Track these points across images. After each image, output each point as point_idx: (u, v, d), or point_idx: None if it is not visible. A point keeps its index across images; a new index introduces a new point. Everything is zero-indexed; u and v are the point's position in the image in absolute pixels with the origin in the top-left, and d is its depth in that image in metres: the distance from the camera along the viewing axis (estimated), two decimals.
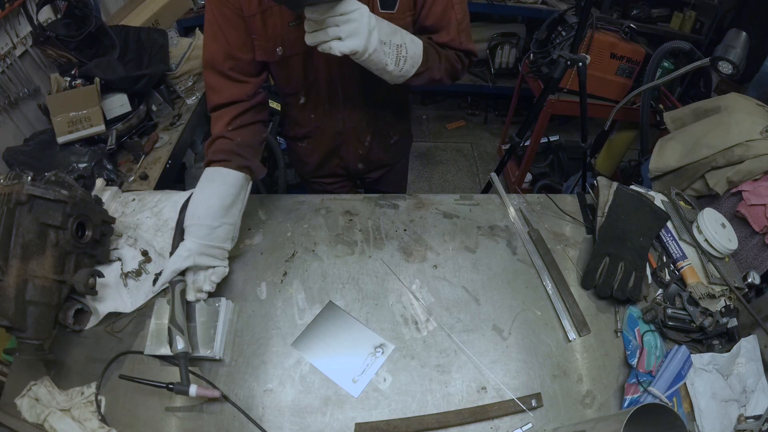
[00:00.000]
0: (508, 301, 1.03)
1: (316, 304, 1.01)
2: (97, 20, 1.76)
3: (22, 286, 0.83)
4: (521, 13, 3.17)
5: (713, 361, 0.94)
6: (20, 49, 1.67)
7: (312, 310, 1.00)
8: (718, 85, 2.40)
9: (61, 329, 0.94)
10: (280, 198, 1.22)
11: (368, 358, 0.94)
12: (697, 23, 3.12)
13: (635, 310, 1.00)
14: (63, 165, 1.51)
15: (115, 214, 1.14)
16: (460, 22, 1.03)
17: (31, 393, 0.87)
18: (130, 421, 0.86)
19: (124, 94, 1.71)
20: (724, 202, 1.31)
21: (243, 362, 0.93)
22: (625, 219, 1.11)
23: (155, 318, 0.95)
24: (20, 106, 1.69)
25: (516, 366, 0.94)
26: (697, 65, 1.60)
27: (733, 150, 1.31)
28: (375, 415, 0.87)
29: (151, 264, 1.06)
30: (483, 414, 0.87)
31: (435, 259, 1.09)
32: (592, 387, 0.92)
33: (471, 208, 1.20)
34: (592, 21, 2.18)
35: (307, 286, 1.04)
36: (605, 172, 2.68)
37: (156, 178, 1.61)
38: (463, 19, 1.04)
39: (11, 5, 1.59)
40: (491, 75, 3.37)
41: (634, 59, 2.30)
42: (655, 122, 2.17)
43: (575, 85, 1.96)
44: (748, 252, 1.18)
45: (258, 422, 0.85)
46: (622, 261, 1.04)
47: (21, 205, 0.85)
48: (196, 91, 2.03)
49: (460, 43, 1.06)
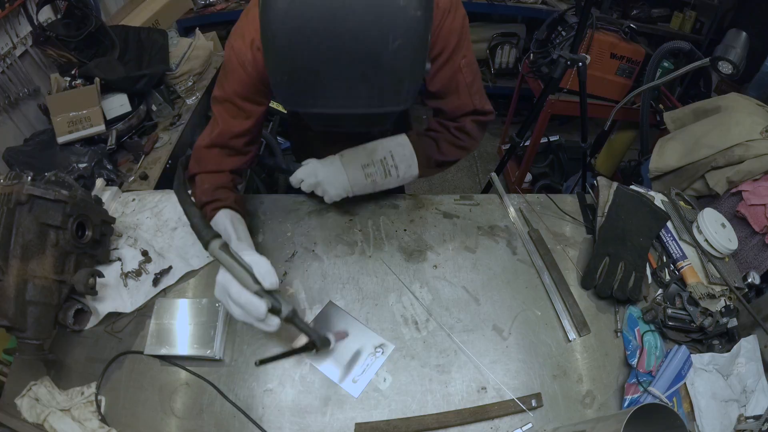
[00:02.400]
0: (508, 301, 1.03)
1: (316, 304, 1.01)
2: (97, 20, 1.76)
3: (22, 286, 0.83)
4: (521, 13, 3.17)
5: (713, 361, 0.94)
6: (20, 49, 1.67)
7: (312, 310, 1.00)
8: (718, 85, 2.40)
9: (61, 329, 0.94)
10: (280, 198, 1.22)
11: (368, 358, 0.94)
12: (697, 23, 3.13)
13: (635, 310, 1.00)
14: (63, 165, 1.51)
15: (115, 214, 1.14)
16: (470, 85, 1.00)
17: (31, 393, 0.87)
18: (130, 421, 0.86)
19: (124, 94, 1.71)
20: (724, 202, 1.31)
21: (243, 362, 0.93)
22: (625, 219, 1.11)
23: (155, 318, 0.95)
24: (20, 106, 1.69)
25: (516, 366, 0.94)
26: (697, 65, 1.60)
27: (733, 150, 1.31)
28: (375, 415, 0.87)
29: (151, 264, 1.06)
30: (483, 414, 0.87)
31: (435, 259, 1.09)
32: (592, 387, 0.92)
33: (471, 208, 1.20)
34: (592, 21, 2.18)
35: (307, 286, 1.04)
36: (605, 172, 2.68)
37: (156, 178, 1.62)
38: (473, 82, 1.00)
39: (11, 5, 1.59)
40: (491, 75, 3.36)
41: (634, 59, 2.30)
42: (655, 122, 2.17)
43: (575, 85, 1.96)
44: (748, 252, 1.18)
45: (258, 422, 0.85)
46: (622, 261, 1.04)
47: (21, 205, 0.85)
48: (196, 91, 2.03)
49: (473, 105, 1.03)
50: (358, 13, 0.56)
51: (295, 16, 0.57)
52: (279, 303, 0.76)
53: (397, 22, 0.58)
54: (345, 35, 0.57)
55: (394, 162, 1.02)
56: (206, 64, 2.17)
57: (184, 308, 0.96)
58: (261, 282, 0.75)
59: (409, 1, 0.57)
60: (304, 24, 0.57)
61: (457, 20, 0.93)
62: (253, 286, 0.74)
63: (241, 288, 0.74)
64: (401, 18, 0.58)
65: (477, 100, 1.03)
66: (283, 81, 0.64)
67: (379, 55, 0.60)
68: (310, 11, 0.56)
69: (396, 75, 0.63)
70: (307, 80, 0.62)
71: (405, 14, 0.58)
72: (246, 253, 0.79)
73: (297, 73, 0.62)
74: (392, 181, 1.05)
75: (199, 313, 0.94)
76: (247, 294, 0.74)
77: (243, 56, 0.89)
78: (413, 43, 0.61)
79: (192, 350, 0.91)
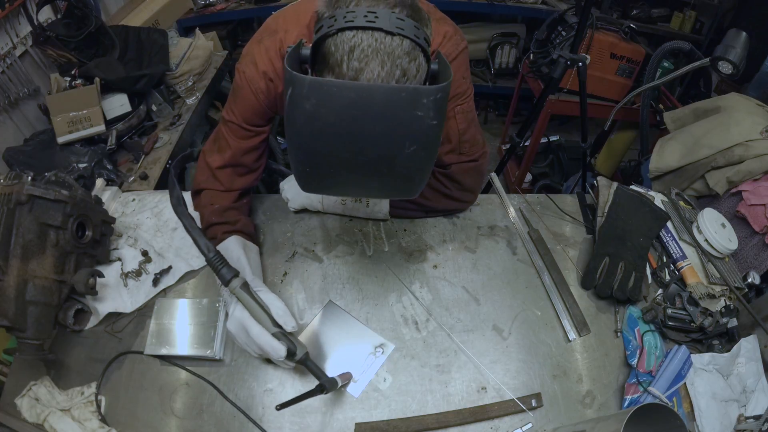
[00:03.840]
0: (508, 301, 1.03)
1: (316, 304, 1.01)
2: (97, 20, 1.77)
3: (23, 286, 0.84)
4: (521, 13, 3.17)
5: (713, 361, 0.94)
6: (20, 49, 1.67)
7: (312, 310, 1.00)
8: (718, 85, 2.40)
9: (61, 329, 0.94)
10: (280, 198, 1.22)
11: (368, 358, 0.94)
12: (697, 23, 3.12)
13: (635, 310, 1.00)
14: (63, 165, 1.51)
15: (115, 214, 1.14)
16: (462, 132, 0.99)
17: (31, 393, 0.87)
18: (130, 421, 0.86)
19: (124, 94, 1.72)
20: (724, 202, 1.31)
21: (243, 362, 0.93)
22: (625, 219, 1.11)
23: (155, 318, 0.95)
24: (20, 106, 1.69)
25: (516, 366, 0.94)
26: (697, 65, 1.60)
27: (733, 150, 1.31)
28: (375, 415, 0.87)
29: (151, 264, 1.06)
30: (483, 414, 0.87)
31: (435, 259, 1.09)
32: (592, 387, 0.92)
33: (471, 208, 1.20)
34: (592, 21, 2.18)
35: (307, 286, 1.04)
36: (605, 172, 2.68)
37: (156, 178, 1.62)
38: (466, 129, 0.99)
39: (11, 5, 1.59)
40: (491, 75, 3.36)
41: (634, 59, 2.30)
42: (655, 122, 2.17)
43: (575, 85, 1.97)
44: (748, 252, 1.18)
45: (258, 422, 0.85)
46: (622, 261, 1.04)
47: (21, 205, 0.86)
48: (196, 91, 2.04)
49: (459, 154, 1.02)
50: (378, 120, 0.59)
51: (318, 118, 0.59)
52: (294, 346, 0.81)
53: (414, 130, 0.61)
54: (363, 140, 0.61)
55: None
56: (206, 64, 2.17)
57: (184, 308, 0.96)
58: (283, 325, 0.80)
59: (426, 112, 0.59)
60: (326, 126, 0.60)
61: (458, 70, 0.92)
62: (272, 328, 0.80)
63: (261, 329, 0.80)
64: (418, 126, 0.60)
65: (466, 147, 1.02)
66: (304, 171, 0.67)
67: (394, 158, 0.63)
68: (332, 116, 0.59)
69: (408, 173, 0.66)
70: (326, 173, 0.66)
71: (422, 124, 0.60)
72: (262, 292, 0.85)
73: (315, 166, 0.65)
74: (360, 209, 1.07)
75: (199, 313, 0.94)
76: (267, 336, 0.80)
77: (255, 85, 0.91)
78: (427, 148, 0.64)
79: (192, 350, 0.91)
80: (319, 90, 0.58)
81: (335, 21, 0.61)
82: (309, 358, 0.83)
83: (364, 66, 0.60)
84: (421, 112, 0.59)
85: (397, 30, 0.60)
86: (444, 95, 0.61)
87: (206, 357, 0.91)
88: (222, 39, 2.59)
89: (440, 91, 0.60)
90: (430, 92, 0.59)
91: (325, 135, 0.61)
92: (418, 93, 0.59)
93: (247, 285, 0.83)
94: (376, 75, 0.61)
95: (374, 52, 0.60)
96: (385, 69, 0.61)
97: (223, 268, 0.83)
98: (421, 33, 0.63)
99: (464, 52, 0.94)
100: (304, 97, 0.59)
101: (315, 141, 0.62)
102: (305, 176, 0.68)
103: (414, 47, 0.62)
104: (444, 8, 0.94)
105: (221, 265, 0.83)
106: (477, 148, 1.04)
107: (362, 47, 0.60)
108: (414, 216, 1.15)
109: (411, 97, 0.59)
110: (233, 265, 0.86)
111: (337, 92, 0.58)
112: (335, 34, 0.61)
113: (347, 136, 0.60)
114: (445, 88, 0.60)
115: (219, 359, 0.92)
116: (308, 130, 0.61)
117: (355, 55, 0.60)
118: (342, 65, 0.61)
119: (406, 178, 0.67)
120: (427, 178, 0.71)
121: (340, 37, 0.61)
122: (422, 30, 0.64)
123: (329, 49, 0.62)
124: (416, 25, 0.63)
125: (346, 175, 0.66)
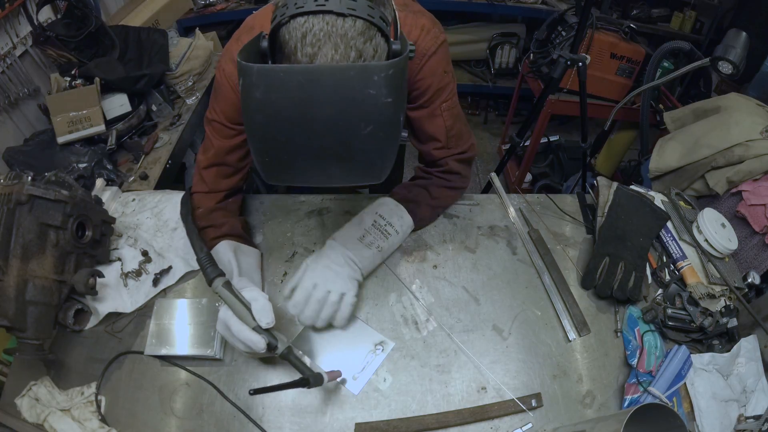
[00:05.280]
0: (508, 301, 1.03)
1: None
2: (97, 20, 1.76)
3: (22, 286, 0.84)
4: (521, 13, 3.17)
5: (713, 361, 0.94)
6: (20, 49, 1.67)
7: None
8: (718, 85, 2.39)
9: (61, 329, 0.94)
10: (280, 198, 1.22)
11: (368, 355, 0.94)
12: (697, 23, 3.12)
13: (635, 310, 1.00)
14: (63, 165, 1.51)
15: (115, 214, 1.14)
16: (450, 128, 1.00)
17: (31, 393, 0.87)
18: (130, 421, 0.86)
19: (124, 94, 1.71)
20: (724, 202, 1.31)
21: (243, 362, 0.93)
22: (625, 219, 1.11)
23: (155, 318, 0.95)
24: (20, 106, 1.69)
25: (516, 366, 0.94)
26: (697, 65, 1.60)
27: (733, 150, 1.31)
28: (375, 415, 0.87)
29: (151, 264, 1.06)
30: (483, 414, 0.87)
31: (435, 259, 1.09)
32: (592, 387, 0.92)
33: (471, 208, 1.20)
34: (592, 21, 2.18)
35: None
36: (605, 172, 2.68)
37: (156, 178, 1.61)
38: (453, 125, 1.00)
39: (11, 5, 1.59)
40: (491, 75, 3.36)
41: (634, 59, 2.30)
42: (655, 122, 2.17)
43: (575, 85, 1.96)
44: (748, 252, 1.18)
45: (258, 422, 0.85)
46: (622, 261, 1.04)
47: (21, 205, 0.85)
48: (196, 91, 2.03)
49: (448, 149, 1.04)
50: (329, 102, 0.57)
51: (269, 105, 0.58)
52: (276, 340, 0.81)
53: (368, 110, 0.58)
54: (317, 123, 0.59)
55: (386, 220, 1.02)
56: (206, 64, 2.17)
57: (183, 308, 0.96)
58: (258, 321, 0.80)
59: (378, 89, 0.57)
60: (278, 112, 0.59)
61: (439, 64, 0.92)
62: (252, 322, 0.80)
63: (241, 324, 0.80)
64: (371, 105, 0.58)
65: (453, 143, 1.03)
66: (263, 160, 0.66)
67: (351, 141, 0.61)
68: (283, 101, 0.58)
69: (368, 156, 0.64)
70: (285, 161, 0.64)
71: (375, 102, 0.58)
72: (246, 290, 0.84)
73: (274, 154, 0.64)
74: (395, 239, 1.03)
75: (199, 313, 0.94)
76: (247, 330, 0.79)
77: (233, 80, 0.90)
78: (384, 127, 0.61)
79: (192, 350, 0.91)
80: (267, 76, 0.57)
81: (287, 8, 0.60)
82: (292, 352, 0.82)
83: (317, 51, 0.59)
84: (373, 90, 0.57)
85: (348, 11, 0.59)
86: (397, 71, 0.58)
87: (206, 357, 0.91)
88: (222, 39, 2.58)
89: (392, 67, 0.57)
90: (381, 68, 0.57)
91: (278, 121, 0.59)
92: (368, 70, 0.57)
93: (229, 284, 0.84)
94: (330, 58, 0.59)
95: (326, 35, 0.59)
96: (339, 52, 0.59)
97: (208, 268, 0.85)
98: (377, 12, 0.61)
99: (444, 45, 0.93)
100: (254, 86, 0.57)
101: (269, 128, 0.60)
102: (266, 166, 0.67)
103: (368, 27, 0.60)
104: (444, 8, 0.95)
105: (207, 265, 0.85)
106: (464, 141, 1.06)
107: (314, 32, 0.59)
108: (433, 220, 1.15)
109: (360, 75, 0.57)
110: (224, 269, 0.87)
111: (285, 77, 0.57)
112: (288, 21, 0.60)
113: (300, 121, 0.58)
114: (398, 63, 0.58)
115: (219, 359, 0.92)
116: (261, 118, 0.60)
117: (307, 41, 0.59)
118: (297, 53, 0.60)
119: (368, 161, 0.65)
120: (392, 161, 0.68)
121: (292, 24, 0.60)
122: (377, 9, 0.62)
123: (284, 38, 0.61)
124: (369, 5, 0.61)
125: (305, 162, 0.64)
